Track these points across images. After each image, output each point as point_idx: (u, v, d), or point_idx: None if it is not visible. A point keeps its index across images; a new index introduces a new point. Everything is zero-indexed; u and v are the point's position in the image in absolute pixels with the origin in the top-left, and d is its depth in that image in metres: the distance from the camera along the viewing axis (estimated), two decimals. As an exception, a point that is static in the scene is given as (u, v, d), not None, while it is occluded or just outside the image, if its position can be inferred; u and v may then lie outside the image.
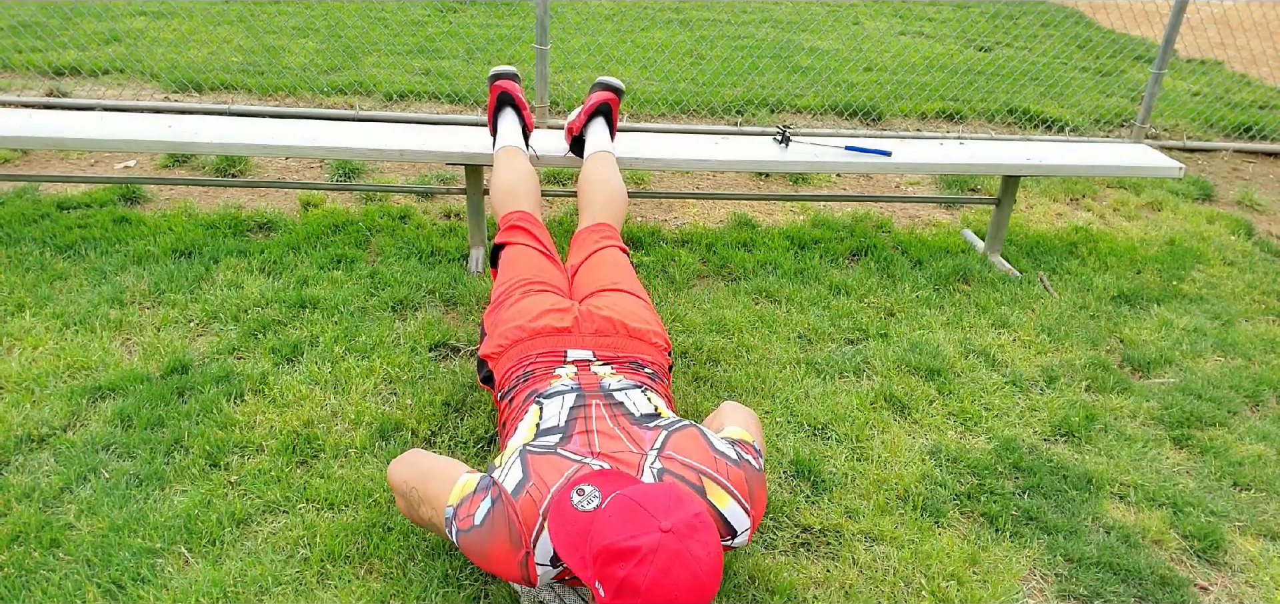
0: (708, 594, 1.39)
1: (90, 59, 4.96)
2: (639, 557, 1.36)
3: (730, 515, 1.62)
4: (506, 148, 2.77)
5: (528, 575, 1.56)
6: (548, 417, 1.78)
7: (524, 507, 1.55)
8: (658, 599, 1.36)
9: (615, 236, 2.47)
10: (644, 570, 1.36)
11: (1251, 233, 3.97)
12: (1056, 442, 2.44)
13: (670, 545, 1.37)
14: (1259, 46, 7.22)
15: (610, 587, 1.39)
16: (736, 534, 1.62)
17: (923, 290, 3.17)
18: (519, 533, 1.54)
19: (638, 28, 6.69)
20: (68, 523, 1.90)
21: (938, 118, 5.17)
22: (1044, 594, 1.95)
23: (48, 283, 2.78)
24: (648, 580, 1.36)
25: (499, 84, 2.87)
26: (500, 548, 1.55)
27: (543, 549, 1.54)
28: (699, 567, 1.38)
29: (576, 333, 2.04)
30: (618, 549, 1.38)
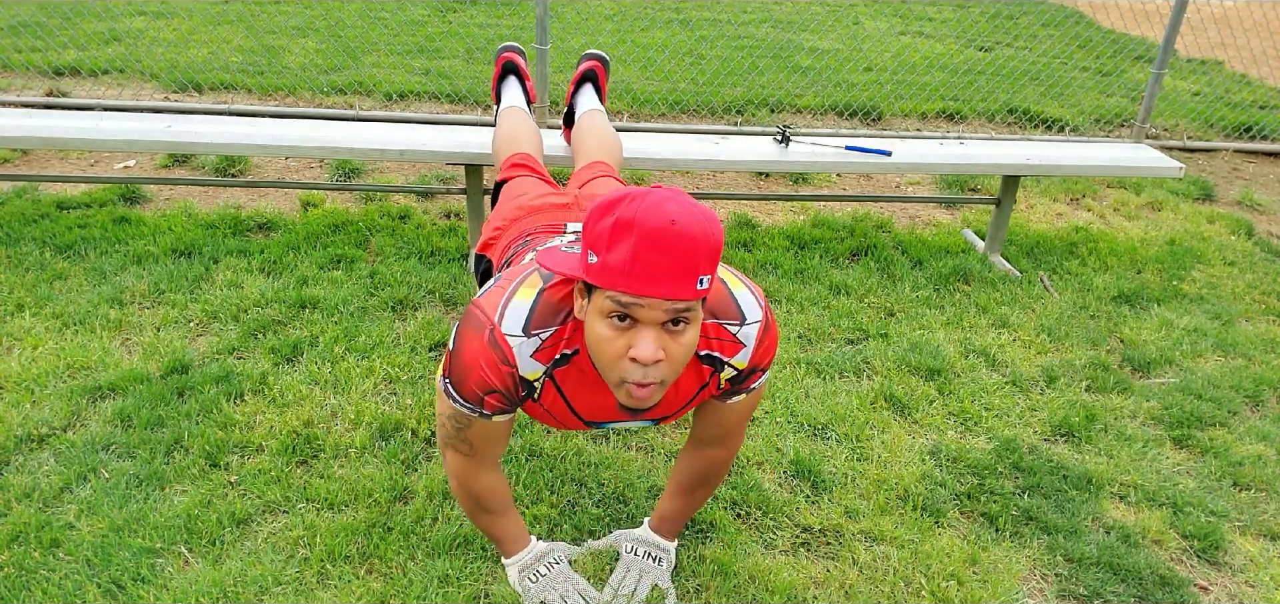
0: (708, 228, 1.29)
1: (90, 59, 4.96)
2: (628, 198, 1.29)
3: (741, 298, 1.54)
4: (510, 107, 2.79)
5: (504, 354, 1.45)
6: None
7: (489, 294, 1.50)
8: (654, 223, 1.26)
9: (612, 171, 2.44)
10: (634, 205, 1.27)
11: (1252, 233, 3.97)
12: (1056, 442, 2.44)
13: (662, 190, 1.31)
14: (1259, 46, 7.22)
15: (601, 242, 1.29)
16: (744, 321, 1.53)
17: (923, 290, 3.17)
18: (482, 317, 1.47)
19: (638, 28, 6.68)
20: (68, 523, 1.90)
21: (938, 118, 5.17)
22: (1044, 594, 1.95)
23: (47, 283, 2.78)
24: (640, 210, 1.27)
25: (505, 54, 2.89)
26: (469, 343, 1.47)
27: (511, 317, 1.46)
28: (696, 208, 1.29)
29: (577, 208, 1.99)
30: (605, 203, 1.30)
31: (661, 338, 1.33)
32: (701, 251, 1.28)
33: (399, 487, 2.05)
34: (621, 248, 1.27)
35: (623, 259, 1.27)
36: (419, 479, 2.08)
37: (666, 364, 1.35)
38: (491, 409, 1.53)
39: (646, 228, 1.26)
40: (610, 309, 1.32)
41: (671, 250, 1.26)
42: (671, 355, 1.35)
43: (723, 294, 1.54)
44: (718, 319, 1.52)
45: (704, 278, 1.31)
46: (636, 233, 1.26)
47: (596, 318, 1.35)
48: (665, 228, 1.26)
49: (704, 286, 1.31)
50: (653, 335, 1.32)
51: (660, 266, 1.27)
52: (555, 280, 1.50)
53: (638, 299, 1.29)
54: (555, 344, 1.48)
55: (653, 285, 1.27)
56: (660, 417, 1.64)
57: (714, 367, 1.55)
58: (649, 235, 1.26)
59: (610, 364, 1.36)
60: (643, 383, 1.36)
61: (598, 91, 2.88)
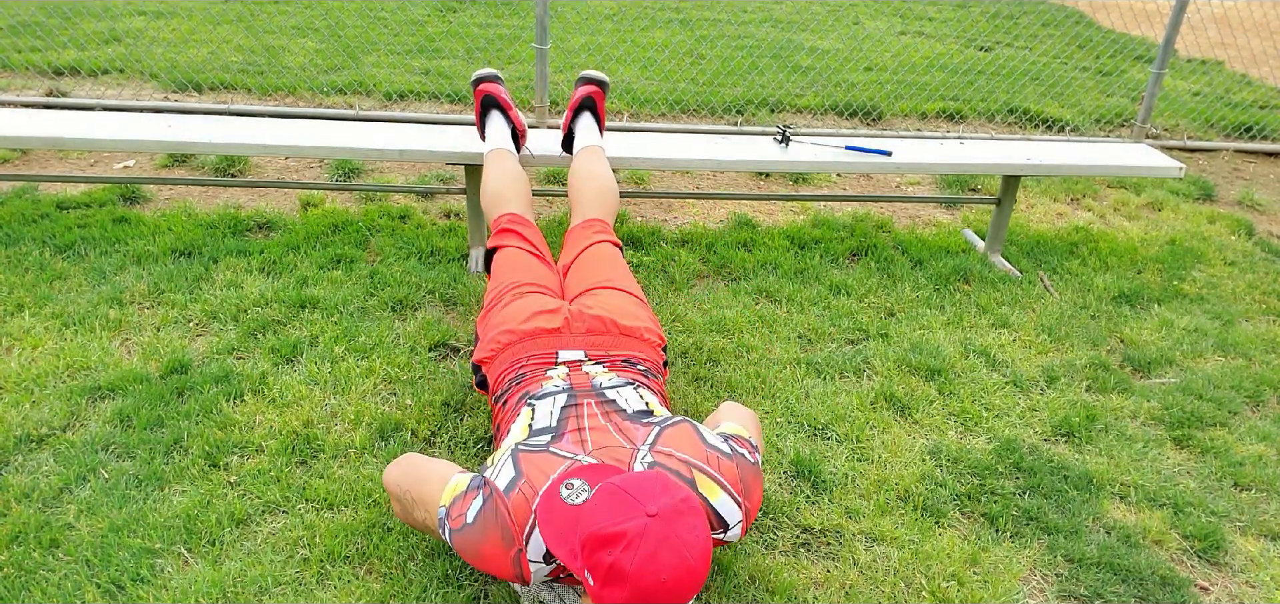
0: (697, 578, 1.39)
1: (90, 59, 4.96)
2: (625, 541, 1.36)
3: (721, 507, 1.62)
4: (496, 150, 2.76)
5: (521, 573, 1.55)
6: (540, 417, 1.78)
7: (516, 504, 1.55)
8: (645, 583, 1.35)
9: (607, 231, 2.46)
10: (630, 555, 1.36)
11: (1252, 233, 3.97)
12: (1057, 442, 2.44)
13: (656, 530, 1.37)
14: (1259, 46, 7.21)
15: (598, 574, 1.38)
16: (728, 527, 1.62)
17: (923, 290, 3.17)
18: (511, 531, 1.54)
19: (638, 28, 6.68)
20: (67, 523, 1.89)
21: (938, 118, 5.16)
22: (1044, 594, 1.95)
23: (47, 283, 2.78)
24: (635, 564, 1.35)
25: (482, 87, 2.83)
26: (492, 546, 1.55)
27: (536, 546, 1.54)
28: (687, 551, 1.38)
29: (567, 333, 2.04)
30: (604, 535, 1.38)
31: None
32: (687, 593, 1.39)
33: (399, 487, 2.05)
34: (615, 592, 1.38)
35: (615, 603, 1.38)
36: (419, 479, 2.08)
37: None
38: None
39: (639, 587, 1.36)
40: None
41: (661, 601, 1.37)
42: None
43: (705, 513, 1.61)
44: None
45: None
46: (629, 588, 1.36)
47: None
48: (655, 588, 1.36)
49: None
50: None
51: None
52: None
53: None
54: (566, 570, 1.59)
55: None
56: None
57: None
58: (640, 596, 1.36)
59: None
60: None
61: (597, 119, 2.87)
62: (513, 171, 2.66)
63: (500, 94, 2.85)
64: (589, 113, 2.86)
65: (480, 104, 2.85)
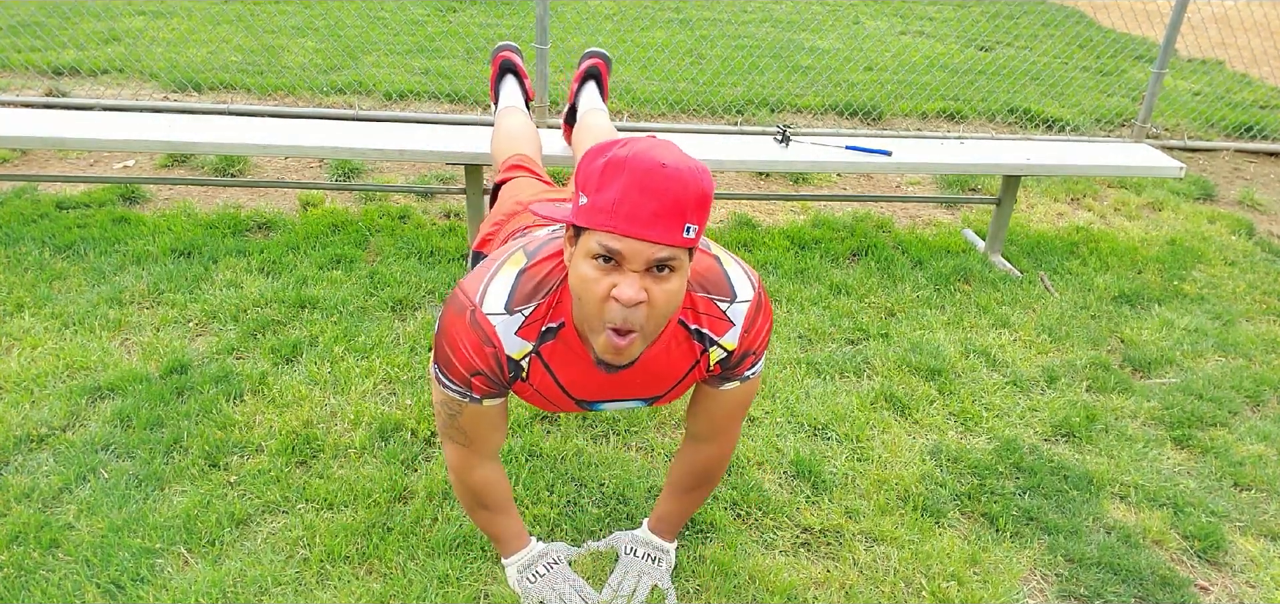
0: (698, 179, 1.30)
1: (90, 59, 4.95)
2: (622, 142, 1.30)
3: (733, 275, 1.55)
4: (508, 106, 2.79)
5: (486, 334, 1.46)
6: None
7: (472, 277, 1.51)
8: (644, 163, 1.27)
9: None
10: (627, 148, 1.29)
11: (1252, 233, 3.97)
12: (1057, 442, 2.44)
13: (655, 139, 1.32)
14: (1260, 46, 7.21)
15: (591, 182, 1.31)
16: (735, 298, 1.53)
17: (923, 290, 3.17)
18: (463, 299, 1.48)
19: (638, 28, 6.68)
20: (67, 523, 1.89)
21: (938, 118, 5.16)
22: (1044, 594, 1.95)
23: (47, 283, 2.78)
24: (632, 152, 1.28)
25: (501, 54, 2.89)
26: (452, 325, 1.48)
27: (493, 296, 1.47)
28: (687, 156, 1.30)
29: None
30: (599, 147, 1.31)
31: (645, 281, 1.33)
32: (689, 197, 1.29)
33: (399, 487, 2.05)
34: (610, 188, 1.28)
35: (610, 199, 1.28)
36: (419, 479, 2.08)
37: (649, 310, 1.34)
38: (480, 392, 1.53)
39: (636, 169, 1.27)
40: (595, 250, 1.32)
41: (659, 194, 1.27)
42: (654, 301, 1.34)
43: (715, 269, 1.54)
44: (708, 294, 1.52)
45: (691, 226, 1.31)
46: (626, 173, 1.27)
47: (582, 259, 1.35)
48: (654, 169, 1.27)
49: (690, 236, 1.32)
50: (636, 278, 1.32)
51: (647, 209, 1.27)
52: (539, 257, 1.50)
53: (623, 240, 1.29)
54: (540, 318, 1.48)
55: (638, 227, 1.28)
56: (651, 395, 1.63)
57: (703, 343, 1.54)
58: (638, 177, 1.27)
59: (593, 305, 1.35)
60: (624, 328, 1.35)
61: (600, 89, 2.88)
62: (525, 123, 2.68)
63: (517, 63, 2.90)
64: (594, 82, 2.87)
65: (498, 68, 2.89)
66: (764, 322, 1.58)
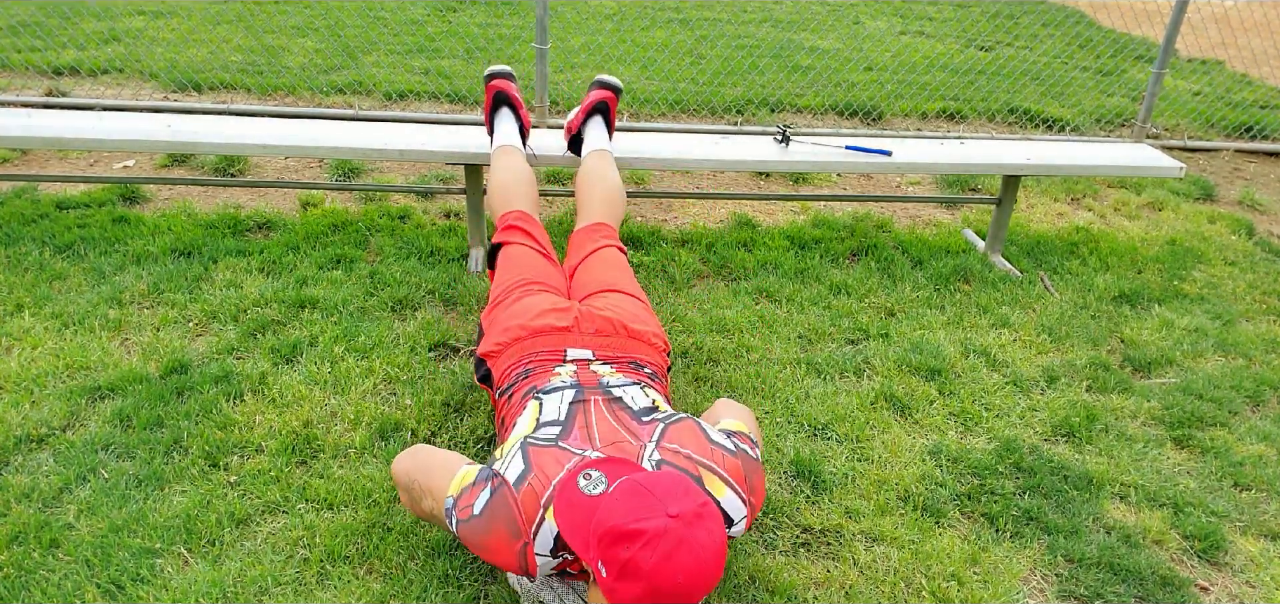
0: (710, 581, 1.40)
1: (89, 59, 4.96)
2: (644, 539, 1.37)
3: (727, 505, 1.63)
4: (503, 147, 2.77)
5: (526, 566, 1.56)
6: (547, 412, 1.79)
7: (525, 497, 1.56)
8: (660, 582, 1.36)
9: (613, 236, 2.47)
10: (648, 553, 1.37)
11: (1252, 232, 3.97)
12: (1057, 442, 2.44)
13: (676, 530, 1.38)
14: (1260, 46, 7.21)
15: (613, 569, 1.39)
16: (733, 522, 1.64)
17: (923, 290, 3.17)
18: (518, 524, 1.55)
19: (638, 27, 6.68)
20: (67, 523, 1.89)
21: (938, 117, 5.16)
22: (1044, 594, 1.95)
23: (47, 283, 2.78)
24: (651, 563, 1.37)
25: (494, 83, 2.87)
26: (499, 539, 1.56)
27: (543, 539, 1.54)
28: (703, 553, 1.39)
29: (577, 332, 2.04)
30: (623, 531, 1.39)
31: None
32: (700, 594, 1.40)
33: (399, 487, 2.05)
34: (630, 587, 1.38)
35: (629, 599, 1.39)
36: (419, 479, 2.08)
37: None
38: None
39: (655, 585, 1.37)
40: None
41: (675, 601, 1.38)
42: None
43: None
44: None
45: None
46: (644, 585, 1.37)
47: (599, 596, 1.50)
48: (672, 589, 1.37)
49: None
50: None
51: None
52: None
53: None
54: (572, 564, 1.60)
55: None
56: None
57: None
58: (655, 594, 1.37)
59: None
60: None
61: (607, 125, 2.88)
62: (521, 169, 2.68)
63: (512, 92, 2.88)
64: (601, 117, 2.87)
65: (492, 99, 2.88)
66: (759, 502, 1.70)
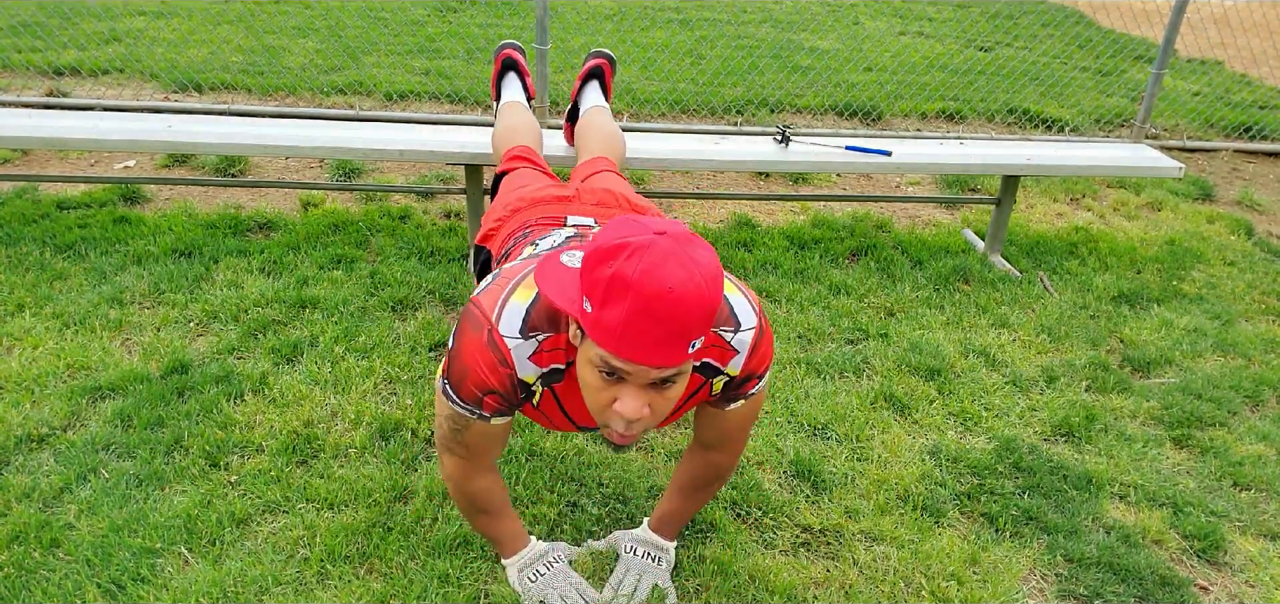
0: (707, 300, 1.26)
1: (90, 59, 4.96)
2: (628, 250, 1.24)
3: (736, 303, 1.52)
4: (510, 102, 2.80)
5: (502, 356, 1.44)
6: (541, 249, 1.71)
7: (487, 294, 1.50)
8: (650, 289, 1.22)
9: (613, 167, 2.43)
10: (634, 262, 1.23)
11: (1251, 233, 3.97)
12: (1056, 442, 2.44)
13: (664, 244, 1.25)
14: (1259, 46, 7.22)
15: (597, 293, 1.26)
16: (739, 327, 1.51)
17: (923, 290, 3.17)
18: (480, 318, 1.46)
19: (638, 28, 6.68)
20: (68, 523, 1.90)
21: (938, 118, 5.17)
22: (1044, 594, 1.95)
23: (47, 283, 2.78)
24: (638, 271, 1.22)
25: (504, 52, 2.91)
26: (469, 343, 1.46)
27: (509, 319, 1.44)
28: (696, 268, 1.25)
29: (578, 202, 1.97)
30: (606, 248, 1.26)
31: (648, 394, 1.34)
32: (696, 318, 1.26)
33: (399, 487, 2.05)
34: (616, 308, 1.25)
35: (615, 321, 1.25)
36: (419, 479, 2.08)
37: (651, 417, 1.37)
38: (490, 410, 1.52)
39: (643, 294, 1.22)
40: (599, 363, 1.32)
41: (665, 319, 1.24)
42: (657, 410, 1.36)
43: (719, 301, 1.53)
44: (713, 326, 1.50)
45: (696, 341, 1.29)
46: (632, 296, 1.23)
47: (586, 363, 1.35)
48: (661, 295, 1.22)
49: (695, 349, 1.31)
50: (638, 393, 1.33)
51: (652, 336, 1.25)
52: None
53: (626, 364, 1.28)
54: (551, 351, 1.48)
55: (642, 353, 1.26)
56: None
57: (706, 374, 1.55)
58: (644, 303, 1.23)
59: (596, 409, 1.39)
60: (625, 437, 1.39)
61: (603, 89, 2.88)
62: (525, 116, 2.69)
63: (520, 60, 2.91)
64: (597, 81, 2.87)
65: (500, 65, 2.90)
66: (766, 345, 1.57)
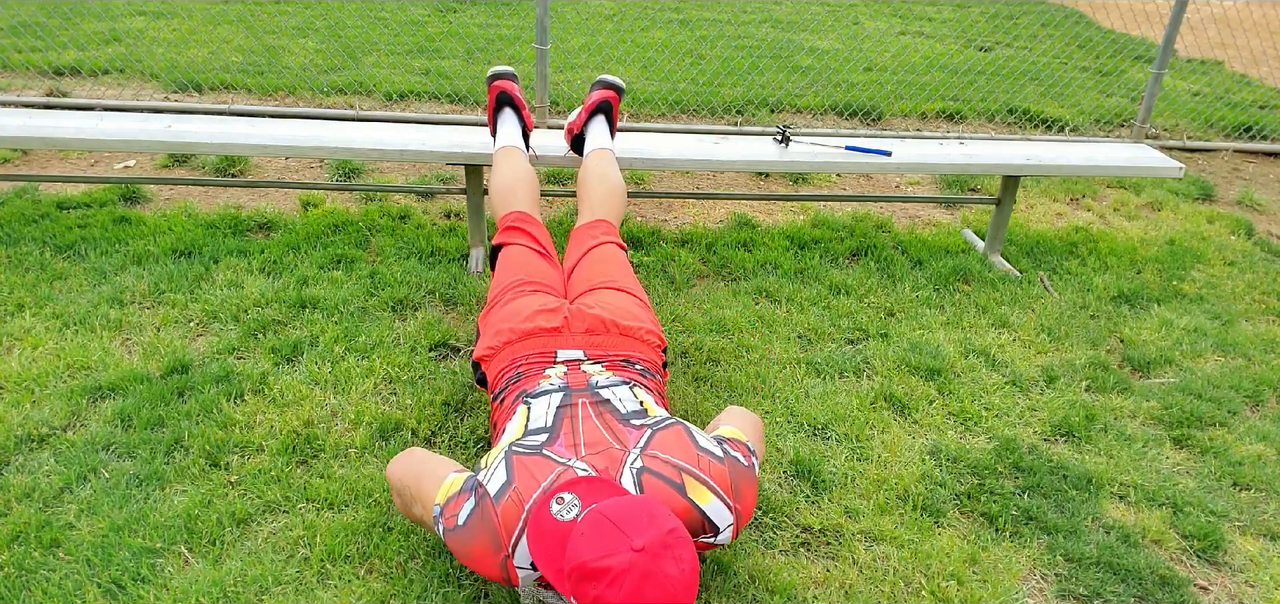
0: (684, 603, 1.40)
1: (90, 59, 4.96)
2: (610, 577, 1.38)
3: (711, 512, 1.62)
4: (506, 148, 2.78)
5: (508, 577, 1.57)
6: (535, 416, 1.79)
7: (505, 510, 1.56)
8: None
9: (613, 233, 2.47)
10: (615, 591, 1.38)
11: (1251, 232, 3.97)
12: (1056, 441, 2.44)
13: (641, 565, 1.38)
14: (1259, 46, 7.22)
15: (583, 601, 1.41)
16: (719, 530, 1.63)
17: (923, 290, 3.17)
18: (499, 537, 1.55)
19: (638, 28, 6.68)
20: (68, 523, 1.90)
21: (938, 118, 5.17)
22: (1044, 594, 1.95)
23: (48, 283, 2.78)
24: (620, 600, 1.37)
25: (497, 84, 2.88)
26: (481, 549, 1.57)
27: (522, 554, 1.55)
28: (669, 584, 1.39)
29: (567, 333, 2.04)
30: (590, 569, 1.39)
31: None
32: None
33: (399, 486, 2.05)
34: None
35: None
36: (419, 479, 2.08)
37: None
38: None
39: None
40: None
41: None
42: None
43: (693, 515, 1.62)
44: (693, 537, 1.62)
45: None
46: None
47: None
48: None
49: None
50: None
51: None
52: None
53: None
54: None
55: None
56: None
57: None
58: None
59: None
60: None
61: (610, 124, 2.88)
62: (523, 169, 2.68)
63: (515, 93, 2.89)
64: (603, 116, 2.87)
65: (495, 100, 2.88)
66: (748, 513, 1.69)
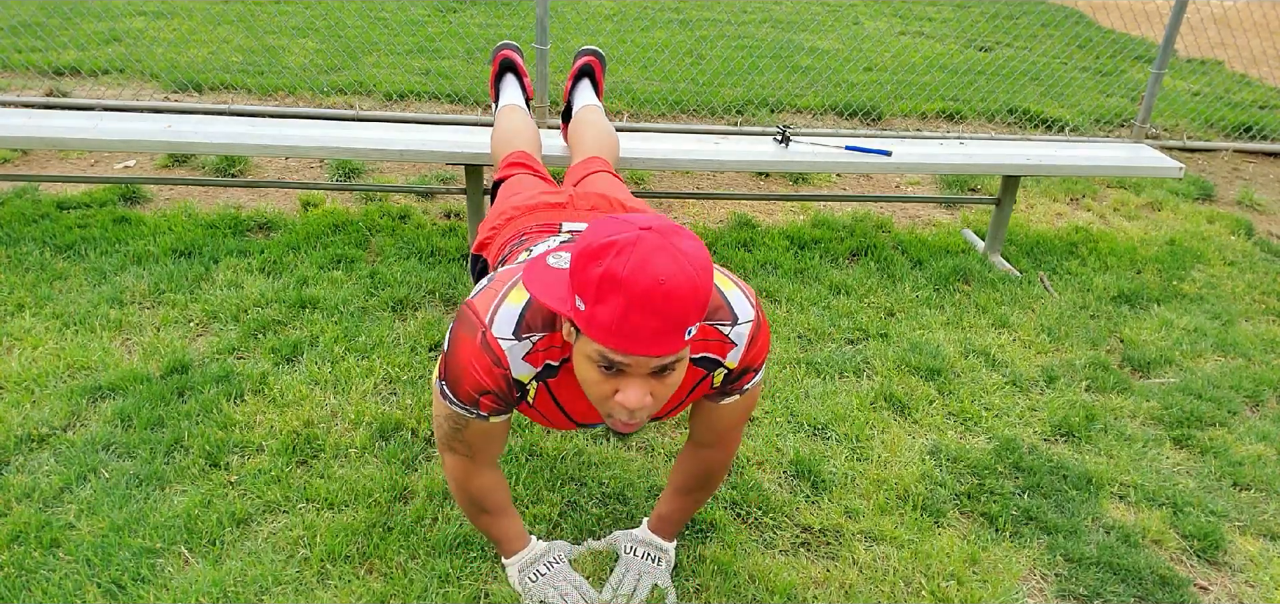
0: (699, 290, 1.27)
1: (90, 59, 4.96)
2: (617, 248, 1.25)
3: (733, 299, 1.53)
4: (508, 105, 2.80)
5: (496, 357, 1.46)
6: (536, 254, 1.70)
7: (482, 297, 1.51)
8: (642, 284, 1.22)
9: (608, 166, 2.45)
10: (623, 259, 1.23)
11: (1251, 233, 3.97)
12: (1056, 441, 2.44)
13: (651, 238, 1.25)
14: (1259, 46, 7.22)
15: (589, 291, 1.26)
16: (738, 320, 1.52)
17: (923, 290, 3.17)
18: (474, 320, 1.48)
19: (638, 28, 6.68)
20: (68, 523, 1.90)
21: (938, 118, 5.17)
22: (1044, 594, 1.95)
23: (47, 283, 2.78)
24: (628, 267, 1.23)
25: (502, 52, 2.91)
26: (464, 346, 1.48)
27: (502, 321, 1.46)
28: (686, 259, 1.25)
29: (572, 208, 1.99)
30: (593, 248, 1.26)
31: (649, 383, 1.34)
32: (689, 306, 1.26)
33: (399, 486, 2.05)
34: (609, 304, 1.25)
35: (610, 317, 1.25)
36: (419, 479, 2.08)
37: (653, 403, 1.37)
38: (487, 410, 1.54)
39: (635, 290, 1.23)
40: (597, 358, 1.32)
41: (659, 312, 1.24)
42: (658, 396, 1.37)
43: (715, 295, 1.53)
44: (711, 320, 1.52)
45: (691, 328, 1.30)
46: (624, 293, 1.23)
47: (583, 359, 1.36)
48: (653, 289, 1.23)
49: (691, 336, 1.31)
50: (640, 383, 1.33)
51: (647, 328, 1.25)
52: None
53: (625, 356, 1.29)
54: (546, 350, 1.50)
55: (641, 346, 1.27)
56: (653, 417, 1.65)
57: (707, 367, 1.56)
58: (637, 298, 1.23)
59: (598, 400, 1.39)
60: (629, 423, 1.40)
61: (595, 87, 2.89)
62: (524, 121, 2.69)
63: (518, 61, 2.91)
64: (588, 80, 2.88)
65: (498, 66, 2.90)
66: (763, 338, 1.58)
